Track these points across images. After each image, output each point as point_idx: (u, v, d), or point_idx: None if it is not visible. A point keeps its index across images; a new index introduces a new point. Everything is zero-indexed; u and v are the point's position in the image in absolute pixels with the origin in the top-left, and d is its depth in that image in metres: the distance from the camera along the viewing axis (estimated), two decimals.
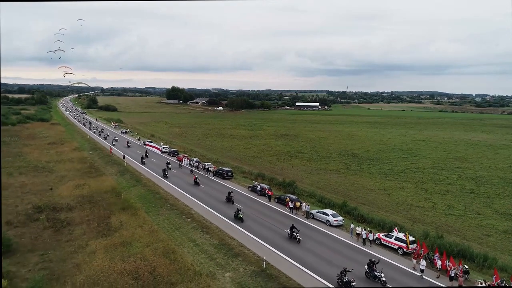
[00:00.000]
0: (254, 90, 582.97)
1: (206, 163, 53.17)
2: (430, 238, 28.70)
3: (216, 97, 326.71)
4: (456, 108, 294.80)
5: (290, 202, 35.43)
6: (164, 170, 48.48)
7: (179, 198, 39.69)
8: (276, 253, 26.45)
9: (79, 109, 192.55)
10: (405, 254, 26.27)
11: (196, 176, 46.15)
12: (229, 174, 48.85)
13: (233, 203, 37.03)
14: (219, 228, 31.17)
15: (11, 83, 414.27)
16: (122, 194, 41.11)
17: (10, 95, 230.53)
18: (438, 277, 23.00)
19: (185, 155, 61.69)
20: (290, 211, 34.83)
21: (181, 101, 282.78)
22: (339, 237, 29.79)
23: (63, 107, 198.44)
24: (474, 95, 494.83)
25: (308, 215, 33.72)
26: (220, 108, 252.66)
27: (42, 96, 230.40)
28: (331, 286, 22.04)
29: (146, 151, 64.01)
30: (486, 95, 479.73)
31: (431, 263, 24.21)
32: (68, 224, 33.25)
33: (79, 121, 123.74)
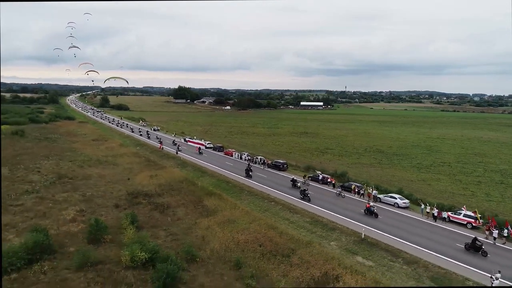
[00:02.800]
0: (253, 90, 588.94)
1: (259, 157, 58.14)
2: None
3: (220, 97, 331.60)
4: (457, 108, 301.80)
5: (357, 188, 40.56)
6: (303, 191, 39.64)
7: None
8: (364, 226, 31.46)
9: (96, 108, 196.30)
10: (473, 228, 31.44)
11: (370, 204, 35.56)
12: (285, 166, 53.89)
13: (486, 256, 26.05)
14: (305, 209, 36.16)
15: (8, 82, 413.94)
16: (199, 183, 45.90)
17: (21, 95, 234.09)
18: (504, 243, 28.27)
19: (233, 149, 66.54)
20: (360, 197, 39.87)
21: (188, 101, 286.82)
22: (410, 215, 34.96)
23: (78, 107, 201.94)
24: (471, 94, 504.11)
25: (376, 199, 38.81)
26: (228, 107, 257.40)
27: (54, 96, 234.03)
28: (420, 248, 27.09)
29: (249, 164, 53.14)
30: (484, 95, 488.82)
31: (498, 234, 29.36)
32: (168, 207, 38.00)
33: (110, 122, 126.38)
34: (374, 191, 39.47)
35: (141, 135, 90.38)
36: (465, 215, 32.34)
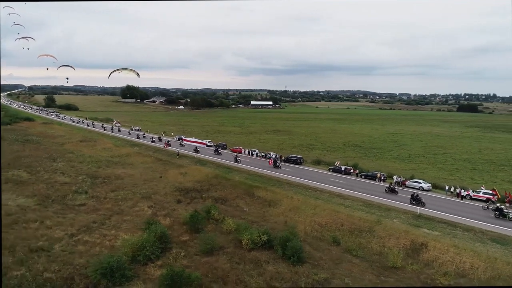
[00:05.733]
0: (194, 89, 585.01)
1: (271, 153, 62.28)
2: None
3: (164, 96, 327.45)
4: (392, 106, 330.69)
5: (382, 176, 46.93)
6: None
7: None
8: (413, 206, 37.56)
9: (46, 108, 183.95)
10: (492, 203, 39.13)
11: None
12: (301, 160, 58.65)
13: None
14: (351, 196, 41.38)
15: None
16: (236, 177, 48.85)
17: None
18: None
19: (241, 147, 69.64)
20: (395, 184, 45.76)
21: (139, 100, 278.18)
22: (436, 196, 41.93)
23: (21, 108, 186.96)
24: (398, 94, 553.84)
25: (401, 185, 45.38)
26: (181, 107, 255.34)
27: None
28: (466, 218, 33.74)
29: (391, 185, 44.01)
30: (409, 94, 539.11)
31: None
32: (226, 200, 40.79)
33: (89, 125, 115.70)
34: (398, 178, 46.05)
35: (153, 141, 78.45)
36: (484, 193, 40.02)
